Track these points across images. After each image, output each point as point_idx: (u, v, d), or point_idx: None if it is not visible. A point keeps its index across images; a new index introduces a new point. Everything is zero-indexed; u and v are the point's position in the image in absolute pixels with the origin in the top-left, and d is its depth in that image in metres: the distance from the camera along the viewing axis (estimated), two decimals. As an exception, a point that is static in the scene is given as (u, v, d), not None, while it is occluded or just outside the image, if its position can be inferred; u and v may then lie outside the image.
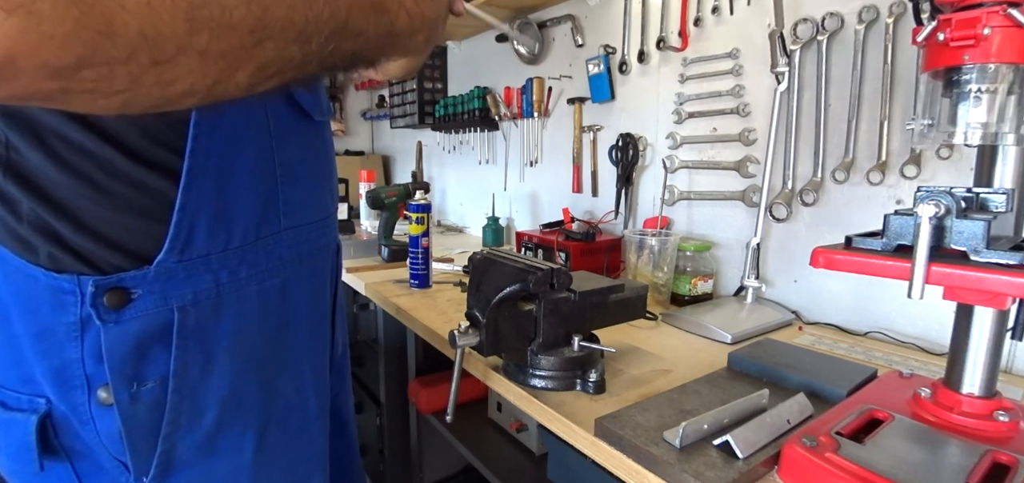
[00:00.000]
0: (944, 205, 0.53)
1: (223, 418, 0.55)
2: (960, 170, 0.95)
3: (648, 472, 0.61)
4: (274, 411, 0.60)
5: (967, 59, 0.56)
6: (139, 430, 0.51)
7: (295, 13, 0.35)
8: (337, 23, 0.38)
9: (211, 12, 0.30)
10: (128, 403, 0.50)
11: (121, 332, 0.48)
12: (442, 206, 2.61)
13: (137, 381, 0.50)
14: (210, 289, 0.53)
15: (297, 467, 0.65)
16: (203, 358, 0.53)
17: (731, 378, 0.82)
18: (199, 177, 0.50)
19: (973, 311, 0.60)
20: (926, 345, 0.99)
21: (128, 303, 0.48)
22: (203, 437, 0.54)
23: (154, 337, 0.50)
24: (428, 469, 1.56)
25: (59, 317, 0.48)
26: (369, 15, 0.40)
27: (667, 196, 1.41)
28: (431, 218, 1.33)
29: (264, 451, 0.59)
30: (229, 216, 0.53)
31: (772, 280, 1.24)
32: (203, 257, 0.51)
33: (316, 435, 0.68)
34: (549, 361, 0.79)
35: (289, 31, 0.35)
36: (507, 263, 0.78)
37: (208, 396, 0.54)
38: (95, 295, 0.47)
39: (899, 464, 0.54)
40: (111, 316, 0.48)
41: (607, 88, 1.61)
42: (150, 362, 0.50)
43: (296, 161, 0.60)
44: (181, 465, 0.54)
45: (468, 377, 0.86)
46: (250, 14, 0.32)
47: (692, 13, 1.36)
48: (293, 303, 0.62)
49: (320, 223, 0.66)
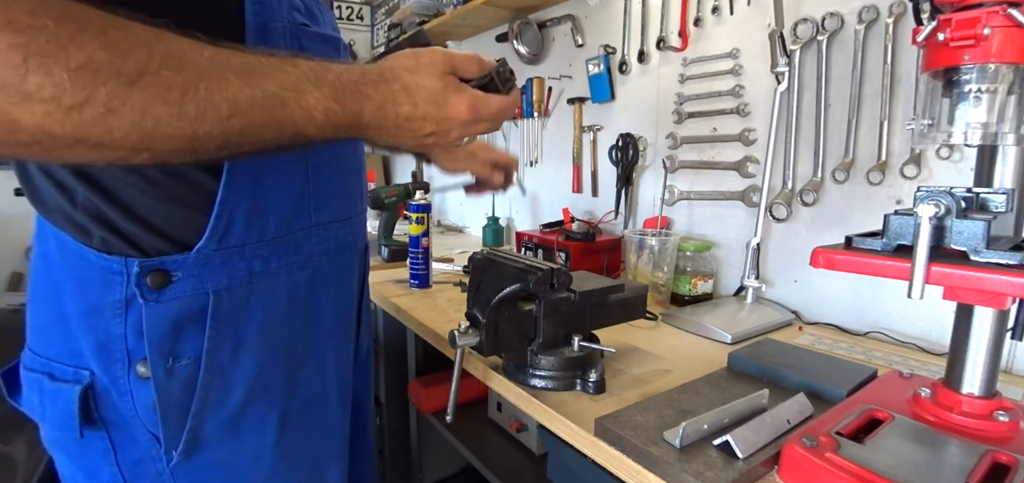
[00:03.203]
0: (944, 205, 0.53)
1: (249, 400, 0.59)
2: (960, 170, 0.95)
3: (648, 472, 0.60)
4: (297, 398, 0.64)
5: (967, 59, 0.55)
6: (172, 404, 0.55)
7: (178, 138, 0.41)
8: (228, 139, 0.44)
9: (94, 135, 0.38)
10: (163, 377, 0.54)
11: (161, 311, 0.53)
12: (442, 206, 2.61)
13: (173, 357, 0.54)
14: (243, 277, 0.57)
15: (317, 454, 0.67)
16: (233, 341, 0.57)
17: (731, 378, 0.82)
18: (238, 173, 0.54)
19: (973, 311, 0.60)
20: (926, 345, 0.99)
21: (169, 284, 0.53)
22: (229, 416, 0.58)
23: (190, 318, 0.54)
24: (428, 469, 1.56)
25: (107, 295, 0.53)
26: (268, 129, 0.46)
27: (667, 196, 1.41)
28: (431, 218, 1.33)
29: (286, 435, 0.63)
30: (264, 210, 0.57)
31: (772, 280, 1.24)
32: (238, 246, 0.56)
33: (336, 425, 0.71)
34: (549, 361, 0.79)
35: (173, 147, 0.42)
36: (507, 263, 0.78)
37: (236, 377, 0.58)
38: (140, 275, 0.52)
39: (899, 464, 0.54)
40: (153, 296, 0.53)
41: (607, 88, 1.61)
42: (185, 341, 0.55)
43: (326, 162, 0.64)
44: (208, 442, 0.57)
45: (468, 377, 0.86)
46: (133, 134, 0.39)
47: (692, 13, 1.36)
48: (320, 296, 0.65)
49: (348, 221, 0.69)
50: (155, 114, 0.40)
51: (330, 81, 0.50)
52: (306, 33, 0.59)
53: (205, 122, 0.42)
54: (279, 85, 0.46)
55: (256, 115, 0.45)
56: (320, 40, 0.61)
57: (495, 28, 2.05)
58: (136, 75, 0.38)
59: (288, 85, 0.47)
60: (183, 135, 0.42)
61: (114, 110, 0.38)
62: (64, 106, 0.36)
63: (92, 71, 0.37)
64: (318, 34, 0.61)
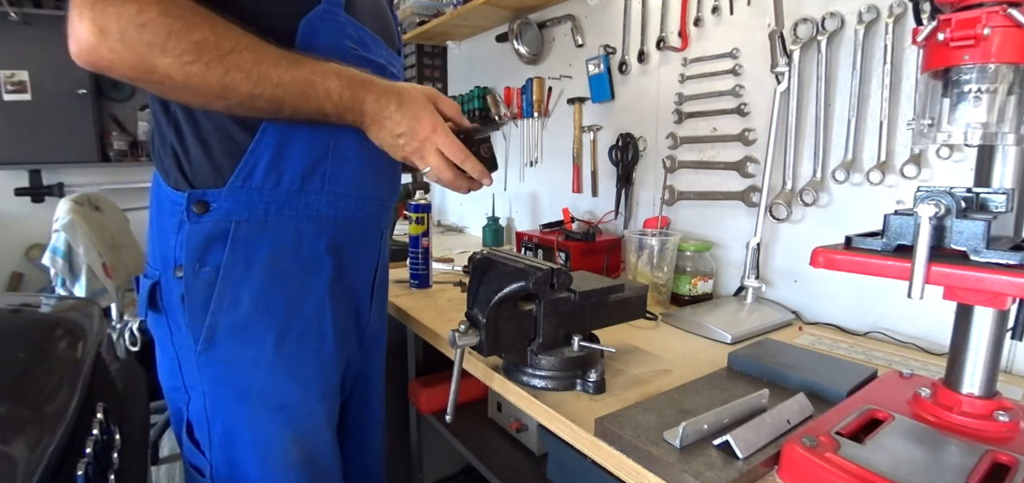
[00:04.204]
0: (944, 205, 0.53)
1: (253, 312, 0.75)
2: (960, 170, 0.95)
3: (648, 472, 0.60)
4: (293, 326, 0.78)
5: (967, 59, 0.55)
6: (196, 301, 0.74)
7: (242, 95, 0.66)
8: (272, 102, 0.67)
9: (195, 83, 0.63)
10: (192, 278, 0.73)
11: (198, 230, 0.72)
12: (442, 206, 2.61)
13: (200, 264, 0.73)
14: (260, 214, 0.74)
15: (309, 380, 0.81)
16: (245, 262, 0.74)
17: (731, 378, 0.82)
18: (268, 134, 0.73)
19: (973, 311, 0.60)
20: (926, 345, 0.99)
21: (207, 211, 0.72)
22: (237, 321, 0.75)
23: (217, 237, 0.73)
24: (428, 469, 1.56)
25: (171, 219, 0.73)
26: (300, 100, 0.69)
27: (667, 196, 1.41)
28: (431, 218, 1.33)
29: (281, 354, 0.77)
30: (281, 167, 0.74)
31: (772, 280, 1.24)
32: (258, 189, 0.74)
33: (330, 365, 0.84)
34: (549, 361, 0.79)
35: (238, 101, 0.66)
36: (507, 263, 0.78)
37: (244, 290, 0.74)
38: (189, 201, 0.71)
39: (899, 464, 0.54)
40: (195, 218, 0.72)
41: (607, 88, 1.61)
42: (210, 254, 0.73)
43: (352, 150, 0.79)
44: (221, 340, 0.75)
45: (468, 377, 0.86)
46: (217, 87, 0.64)
47: (692, 13, 1.36)
48: (324, 250, 0.80)
49: (361, 199, 0.84)
50: (232, 77, 0.64)
51: (347, 75, 0.72)
52: (353, 55, 0.77)
53: (261, 87, 0.66)
54: (312, 72, 0.69)
55: (294, 89, 0.68)
56: (366, 63, 0.78)
57: (495, 28, 2.05)
58: (227, 52, 0.63)
59: (318, 73, 0.69)
60: (247, 93, 0.65)
61: (210, 70, 0.62)
62: (183, 62, 0.61)
63: (203, 44, 0.61)
64: (365, 59, 0.79)
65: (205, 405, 0.77)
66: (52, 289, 1.80)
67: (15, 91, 2.96)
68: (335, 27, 0.75)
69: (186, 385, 0.78)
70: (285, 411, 0.79)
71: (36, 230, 3.12)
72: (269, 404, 0.78)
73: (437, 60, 2.42)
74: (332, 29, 0.74)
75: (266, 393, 0.77)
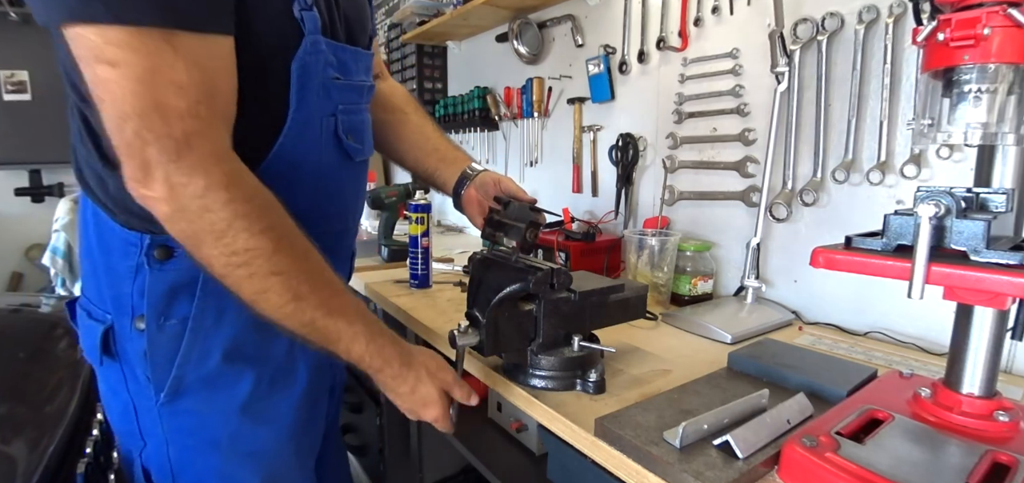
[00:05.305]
0: (944, 205, 0.53)
1: (224, 361, 0.71)
2: (960, 170, 0.95)
3: (648, 472, 0.61)
4: (265, 370, 0.75)
5: (967, 59, 0.55)
6: (160, 354, 0.68)
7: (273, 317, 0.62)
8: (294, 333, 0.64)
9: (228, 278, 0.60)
10: (155, 331, 0.68)
11: (161, 278, 0.67)
12: (442, 206, 2.61)
13: (164, 316, 0.68)
14: None
15: (279, 420, 0.78)
16: (217, 312, 0.69)
17: (731, 378, 0.82)
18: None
19: (973, 311, 0.60)
20: (926, 345, 0.99)
21: (170, 258, 0.66)
22: (207, 373, 0.70)
23: (182, 288, 0.67)
24: (428, 469, 1.56)
25: (124, 260, 0.67)
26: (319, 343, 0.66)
27: (667, 196, 1.41)
28: (431, 218, 1.33)
29: (254, 400, 0.74)
30: None
31: (772, 280, 1.24)
32: None
33: (301, 404, 0.81)
34: (549, 361, 0.79)
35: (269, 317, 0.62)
36: (507, 263, 0.78)
37: (215, 340, 0.70)
38: (150, 247, 0.65)
39: (899, 464, 0.54)
40: (157, 265, 0.66)
41: (607, 88, 1.61)
42: (176, 305, 0.68)
43: (323, 198, 0.76)
44: (188, 391, 0.70)
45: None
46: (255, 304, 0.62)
47: (692, 13, 1.36)
48: None
49: (333, 234, 0.80)
50: (268, 299, 0.61)
51: (377, 344, 0.70)
52: (337, 85, 0.73)
53: (289, 321, 0.63)
54: (345, 324, 0.66)
55: (319, 335, 0.65)
56: (348, 89, 0.76)
57: (495, 28, 2.05)
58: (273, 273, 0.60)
59: (347, 333, 0.67)
60: (272, 319, 0.62)
61: (250, 281, 0.59)
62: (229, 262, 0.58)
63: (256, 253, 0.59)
64: (347, 85, 0.76)
65: (168, 455, 0.73)
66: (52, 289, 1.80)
67: (15, 91, 2.96)
68: (320, 60, 0.70)
69: (143, 432, 0.73)
70: (257, 458, 0.77)
71: (36, 230, 3.13)
72: (241, 452, 0.75)
73: (437, 60, 2.42)
74: (317, 63, 0.70)
75: (237, 442, 0.74)
